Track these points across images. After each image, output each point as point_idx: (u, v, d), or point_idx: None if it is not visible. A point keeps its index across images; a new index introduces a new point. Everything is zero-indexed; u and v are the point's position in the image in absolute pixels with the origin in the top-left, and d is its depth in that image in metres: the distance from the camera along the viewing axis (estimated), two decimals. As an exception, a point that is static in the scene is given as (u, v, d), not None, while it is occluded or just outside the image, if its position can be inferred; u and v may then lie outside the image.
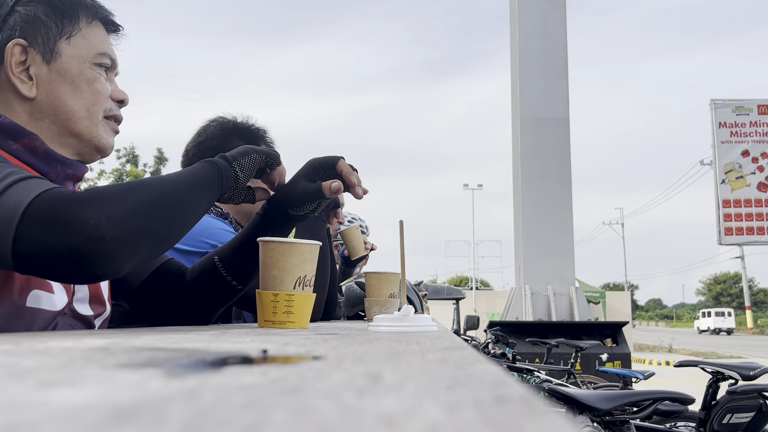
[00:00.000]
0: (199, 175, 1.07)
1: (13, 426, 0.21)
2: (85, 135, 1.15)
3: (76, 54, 1.14)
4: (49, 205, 0.83)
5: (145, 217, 0.90)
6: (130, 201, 0.89)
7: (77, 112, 1.14)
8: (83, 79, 1.14)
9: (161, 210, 0.94)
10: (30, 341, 0.58)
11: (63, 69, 1.13)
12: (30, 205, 0.82)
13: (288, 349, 0.52)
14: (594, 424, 3.03)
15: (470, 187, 41.87)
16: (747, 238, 16.77)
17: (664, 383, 8.30)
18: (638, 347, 22.29)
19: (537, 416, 0.23)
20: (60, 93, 1.12)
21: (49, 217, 0.82)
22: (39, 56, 1.11)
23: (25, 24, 1.11)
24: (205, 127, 1.94)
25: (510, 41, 14.75)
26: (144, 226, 0.90)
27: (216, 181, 1.09)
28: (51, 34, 1.12)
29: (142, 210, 0.90)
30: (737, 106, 16.76)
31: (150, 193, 0.93)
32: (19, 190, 0.84)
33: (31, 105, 1.11)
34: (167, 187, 0.97)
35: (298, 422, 0.22)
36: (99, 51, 1.18)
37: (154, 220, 0.92)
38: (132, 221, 0.88)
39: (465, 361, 0.43)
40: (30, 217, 0.82)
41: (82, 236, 0.82)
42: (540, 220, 13.09)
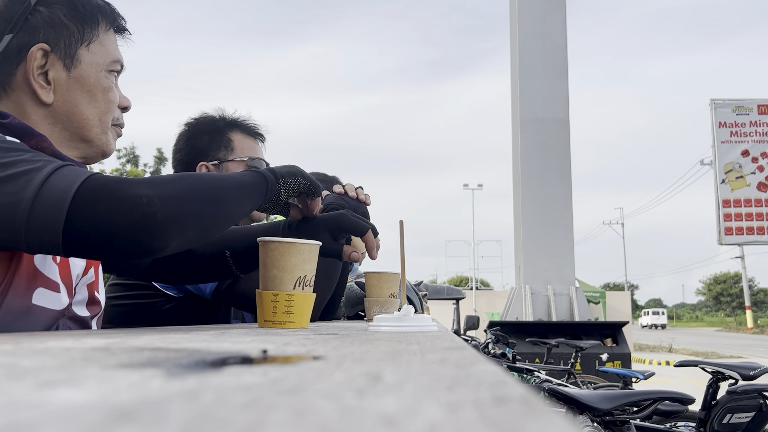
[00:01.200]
0: (246, 180, 1.10)
1: (13, 426, 0.21)
2: (96, 141, 1.16)
3: (94, 62, 1.14)
4: (102, 185, 0.86)
5: (194, 200, 0.94)
6: (180, 185, 0.93)
7: (91, 120, 1.14)
8: (99, 88, 1.14)
9: (209, 199, 0.97)
10: (30, 341, 0.58)
11: (82, 77, 1.12)
12: (81, 186, 0.85)
13: (288, 349, 0.52)
14: (594, 424, 3.03)
15: (470, 187, 41.87)
16: (747, 238, 16.77)
17: (664, 383, 8.30)
18: (638, 347, 22.28)
19: (537, 416, 0.23)
20: (77, 101, 1.12)
21: (104, 196, 0.85)
22: (60, 62, 1.10)
23: (49, 27, 1.09)
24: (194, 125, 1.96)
25: (510, 41, 14.75)
26: (193, 209, 0.93)
27: (262, 190, 1.13)
28: (73, 40, 1.11)
29: (192, 194, 0.94)
30: (737, 106, 16.76)
31: (199, 182, 0.98)
32: (67, 173, 0.86)
33: (47, 110, 1.10)
34: (215, 181, 1.01)
35: (298, 422, 0.22)
36: (113, 58, 1.18)
37: (203, 205, 0.95)
38: (182, 202, 0.91)
39: (465, 361, 0.43)
40: (82, 198, 0.84)
41: (137, 212, 0.86)
42: (540, 220, 13.10)
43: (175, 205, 0.90)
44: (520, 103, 13.62)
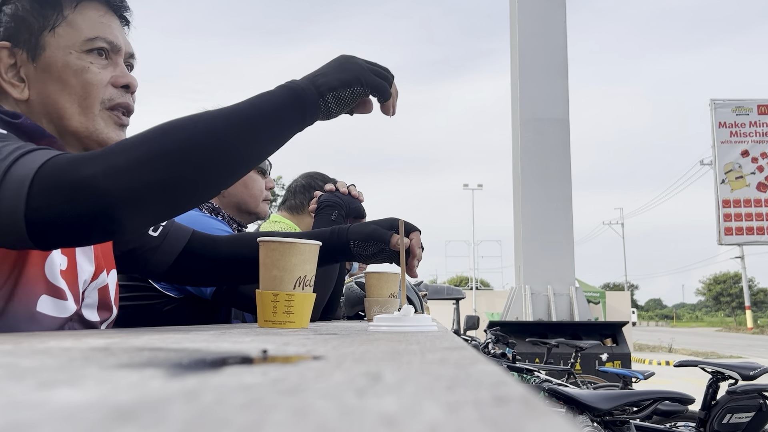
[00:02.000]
0: (262, 107, 0.92)
1: (13, 426, 0.21)
2: (83, 132, 1.07)
3: (62, 44, 1.06)
4: (54, 170, 0.80)
5: (155, 167, 0.82)
6: (139, 151, 0.82)
7: (68, 108, 1.06)
8: (70, 72, 1.06)
9: (184, 158, 0.84)
10: (30, 341, 0.58)
11: (48, 64, 1.05)
12: (36, 174, 0.80)
13: (288, 349, 0.52)
14: (594, 424, 3.03)
15: (470, 187, 41.87)
16: (747, 238, 16.77)
17: (664, 383, 8.30)
18: (638, 347, 22.28)
19: (537, 416, 0.23)
20: (48, 91, 1.05)
21: (54, 182, 0.80)
22: (25, 55, 1.05)
23: (9, 24, 1.06)
24: None
25: (510, 41, 14.75)
26: (154, 177, 0.82)
27: (289, 116, 0.93)
28: (33, 29, 1.05)
29: (154, 160, 0.82)
30: (737, 106, 16.76)
31: (175, 135, 0.84)
32: (25, 162, 0.82)
33: (27, 107, 1.06)
34: (207, 125, 0.86)
35: (298, 422, 0.21)
36: (88, 36, 1.08)
37: (171, 168, 0.83)
38: (135, 173, 0.81)
39: (465, 361, 0.43)
40: (37, 186, 0.79)
41: (84, 197, 0.79)
42: (540, 220, 13.09)
43: (124, 178, 0.80)
44: (520, 103, 13.61)
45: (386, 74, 1.04)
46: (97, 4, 1.11)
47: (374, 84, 1.01)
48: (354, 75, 0.99)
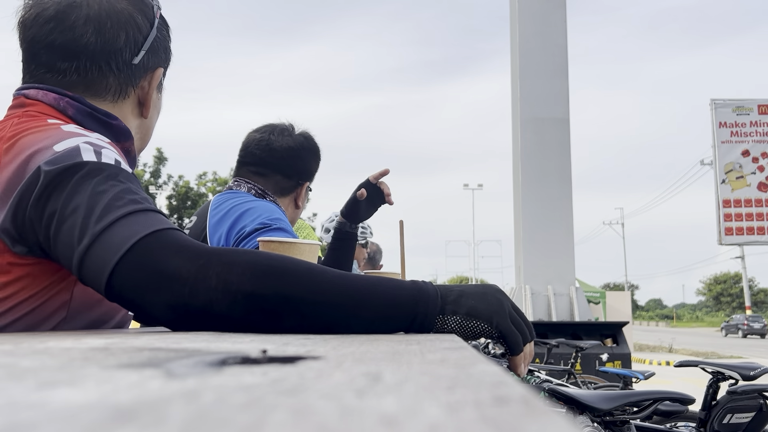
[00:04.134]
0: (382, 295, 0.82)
1: (13, 426, 0.21)
2: (138, 153, 1.25)
3: (160, 87, 1.24)
4: (154, 248, 0.80)
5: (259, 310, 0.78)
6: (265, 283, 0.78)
7: (150, 135, 1.26)
8: (158, 110, 1.26)
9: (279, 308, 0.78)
10: (30, 341, 0.58)
11: (160, 99, 1.24)
12: (135, 244, 0.80)
13: (288, 349, 0.52)
14: (594, 424, 3.02)
15: (470, 187, 41.87)
16: (747, 238, 16.76)
17: (664, 383, 8.30)
18: (638, 347, 22.28)
19: (537, 416, 0.23)
20: (153, 119, 1.24)
21: (148, 264, 0.79)
22: (160, 84, 1.21)
23: (163, 52, 1.20)
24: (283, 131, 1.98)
25: (510, 41, 14.75)
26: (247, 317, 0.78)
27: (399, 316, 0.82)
28: (167, 66, 1.23)
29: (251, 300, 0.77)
30: (737, 106, 16.75)
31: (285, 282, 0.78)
32: (129, 224, 0.82)
33: (140, 122, 1.20)
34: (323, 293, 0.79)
35: (298, 422, 0.21)
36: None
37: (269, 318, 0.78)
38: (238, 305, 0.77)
39: (465, 361, 0.43)
40: (130, 259, 0.80)
41: (166, 296, 0.78)
42: (540, 220, 13.09)
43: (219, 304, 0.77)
44: (520, 103, 13.61)
45: (524, 327, 0.90)
46: None
47: (506, 330, 0.87)
48: (489, 312, 0.85)
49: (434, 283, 0.88)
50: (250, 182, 1.93)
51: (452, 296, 0.85)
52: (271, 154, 1.94)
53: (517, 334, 0.88)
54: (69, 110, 1.08)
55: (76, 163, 0.87)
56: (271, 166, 1.94)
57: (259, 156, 1.94)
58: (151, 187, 24.59)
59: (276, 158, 1.94)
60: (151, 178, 25.02)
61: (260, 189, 1.93)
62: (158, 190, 24.82)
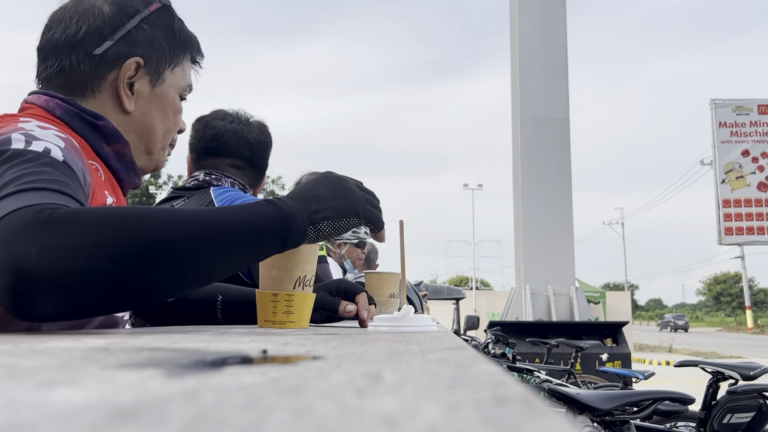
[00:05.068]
0: (248, 226, 0.81)
1: (13, 426, 0.21)
2: (155, 156, 1.23)
3: (174, 84, 1.22)
4: (11, 223, 0.72)
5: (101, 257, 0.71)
6: (93, 233, 0.72)
7: (158, 135, 1.21)
8: (172, 108, 1.22)
9: (141, 253, 0.73)
10: (30, 341, 0.58)
11: (162, 95, 1.20)
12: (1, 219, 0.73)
13: (288, 349, 0.52)
14: (594, 424, 3.03)
15: (470, 187, 41.88)
16: (747, 238, 16.78)
17: (664, 383, 8.30)
18: (638, 347, 22.28)
19: (537, 416, 0.23)
20: (152, 115, 1.19)
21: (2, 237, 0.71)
22: (147, 77, 1.17)
23: (147, 45, 1.16)
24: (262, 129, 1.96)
25: (510, 41, 14.75)
26: (93, 267, 0.71)
27: (273, 243, 0.85)
28: (163, 60, 1.19)
29: (102, 248, 0.71)
30: (737, 106, 16.77)
31: (136, 228, 0.74)
32: (12, 200, 0.76)
33: (124, 117, 1.16)
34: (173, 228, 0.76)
35: (298, 422, 0.21)
36: (187, 83, 1.26)
37: (117, 264, 0.72)
38: (76, 259, 0.70)
39: (465, 361, 0.43)
40: None
41: (6, 267, 0.70)
42: (540, 220, 13.09)
43: (60, 262, 0.69)
44: (520, 102, 13.62)
45: (377, 202, 1.00)
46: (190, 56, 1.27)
47: (371, 216, 0.96)
48: (351, 205, 0.93)
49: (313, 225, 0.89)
50: (231, 176, 1.89)
51: (313, 205, 0.89)
52: (249, 147, 1.91)
53: (377, 214, 0.99)
54: (57, 111, 1.09)
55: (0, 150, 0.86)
56: (248, 160, 1.92)
57: (235, 148, 1.89)
58: (151, 187, 24.60)
59: (252, 152, 1.91)
60: (151, 178, 25.03)
61: (241, 184, 1.90)
62: (158, 190, 24.82)
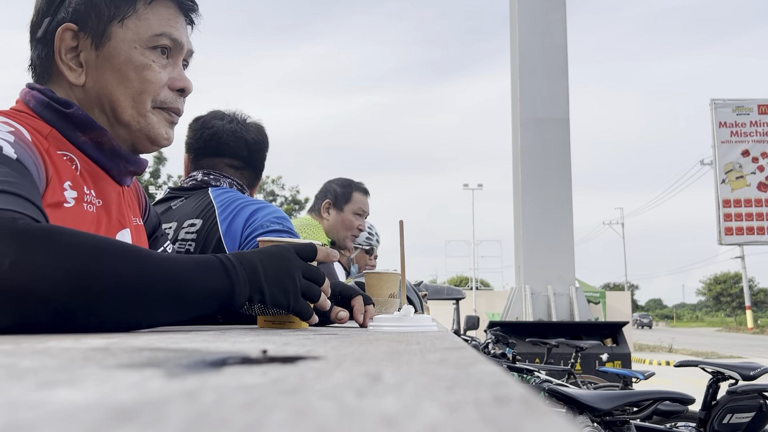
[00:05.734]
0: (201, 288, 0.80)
1: (13, 426, 0.21)
2: (134, 125, 1.08)
3: (128, 37, 1.06)
4: None
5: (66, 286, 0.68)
6: (66, 260, 0.68)
7: (122, 101, 1.06)
8: (131, 66, 1.06)
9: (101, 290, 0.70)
10: (30, 341, 0.58)
11: (110, 54, 1.05)
12: None
13: (288, 349, 0.52)
14: (594, 424, 3.02)
15: (470, 187, 41.88)
16: (747, 238, 16.76)
17: (664, 383, 8.30)
18: (638, 347, 22.28)
19: (537, 416, 0.23)
20: (106, 81, 1.05)
21: None
22: (89, 41, 1.05)
23: (78, 6, 1.05)
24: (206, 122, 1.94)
25: (510, 41, 14.75)
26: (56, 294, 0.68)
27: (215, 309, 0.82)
28: (103, 16, 1.05)
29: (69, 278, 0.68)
30: (737, 106, 16.76)
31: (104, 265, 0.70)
32: None
33: (81, 93, 1.07)
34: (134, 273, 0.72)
35: (298, 422, 0.21)
36: (155, 32, 1.07)
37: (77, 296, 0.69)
38: (43, 281, 0.67)
39: (465, 361, 0.43)
40: None
41: None
42: (540, 220, 13.09)
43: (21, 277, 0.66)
44: (520, 102, 13.61)
45: (317, 291, 0.96)
46: (169, 3, 1.11)
47: (299, 310, 0.93)
48: (286, 299, 0.90)
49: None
50: (229, 177, 1.88)
51: (256, 284, 0.86)
52: (248, 148, 1.90)
53: (307, 308, 0.95)
54: (31, 102, 1.05)
55: None
56: (246, 160, 1.91)
57: (234, 149, 1.89)
58: (150, 187, 24.60)
59: (250, 152, 1.91)
60: (150, 178, 25.02)
61: (239, 184, 1.89)
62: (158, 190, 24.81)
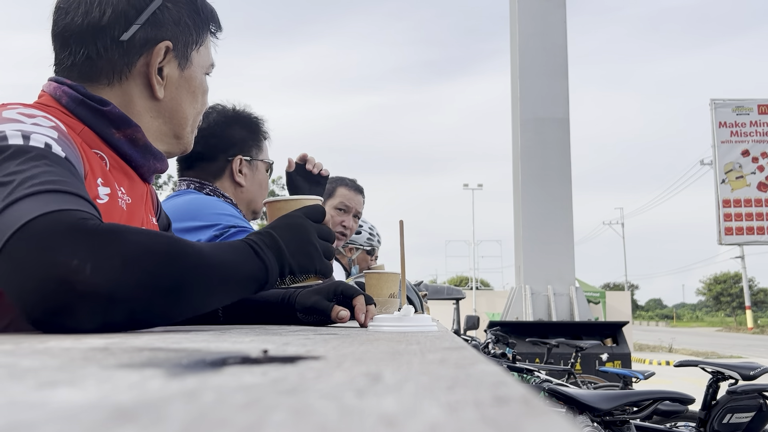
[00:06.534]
0: (239, 269, 0.88)
1: (13, 426, 0.21)
2: (184, 139, 1.19)
3: (200, 63, 1.17)
4: (44, 230, 0.72)
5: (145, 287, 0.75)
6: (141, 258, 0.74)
7: (188, 119, 1.17)
8: (201, 90, 1.18)
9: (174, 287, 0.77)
10: (30, 341, 0.58)
11: (191, 77, 1.15)
12: (27, 224, 0.72)
13: (288, 349, 0.52)
14: (594, 424, 3.02)
15: (470, 187, 41.87)
16: (747, 238, 16.76)
17: (664, 383, 8.30)
18: (638, 347, 22.27)
19: (537, 416, 0.23)
20: (182, 99, 1.15)
21: (36, 245, 0.71)
22: (175, 61, 1.12)
23: (174, 26, 1.11)
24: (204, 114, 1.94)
25: (510, 41, 14.75)
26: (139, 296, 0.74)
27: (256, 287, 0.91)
28: (190, 41, 1.14)
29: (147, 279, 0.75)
30: (737, 106, 16.76)
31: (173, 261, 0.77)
32: (33, 203, 0.75)
33: (153, 104, 1.12)
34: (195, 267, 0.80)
35: (298, 422, 0.21)
36: (211, 61, 1.21)
37: (155, 296, 0.76)
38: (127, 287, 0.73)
39: (465, 361, 0.43)
40: (21, 237, 0.72)
41: (53, 276, 0.70)
42: (540, 220, 13.09)
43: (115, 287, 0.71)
44: (520, 102, 13.61)
45: (332, 246, 1.05)
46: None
47: (324, 269, 1.02)
48: (312, 263, 0.99)
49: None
50: (186, 178, 1.90)
51: (284, 261, 0.94)
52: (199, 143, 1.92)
53: (329, 265, 1.03)
54: (63, 99, 1.05)
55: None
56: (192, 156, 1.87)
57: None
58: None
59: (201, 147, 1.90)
60: (151, 178, 25.01)
61: (197, 182, 1.89)
62: (158, 191, 24.84)
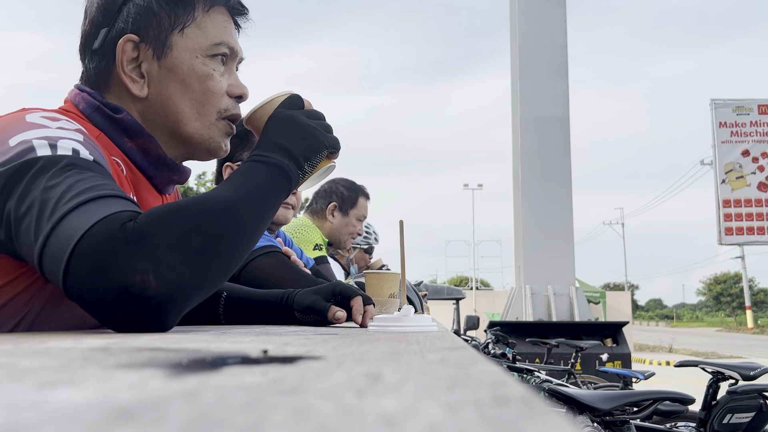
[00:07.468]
0: (267, 186, 0.92)
1: (13, 426, 0.21)
2: (196, 138, 1.08)
3: (189, 47, 1.05)
4: (99, 243, 0.75)
5: (201, 265, 0.79)
6: (189, 245, 0.78)
7: (187, 113, 1.06)
8: (194, 76, 1.05)
9: (222, 250, 0.82)
10: (30, 341, 0.58)
11: (173, 65, 1.04)
12: (81, 240, 0.76)
13: (288, 349, 0.52)
14: (594, 424, 3.02)
15: (470, 187, 41.85)
16: (747, 238, 16.77)
17: (664, 383, 8.29)
18: (638, 347, 22.27)
19: (537, 416, 0.23)
20: (170, 92, 1.05)
21: (96, 260, 0.75)
22: (150, 52, 1.04)
23: (138, 17, 1.04)
24: None
25: (510, 41, 14.75)
26: (200, 278, 0.80)
27: (284, 191, 0.95)
28: (163, 26, 1.04)
29: (200, 257, 0.79)
30: (737, 106, 16.76)
31: (212, 229, 0.81)
32: (79, 216, 0.78)
33: (143, 105, 1.05)
34: (233, 215, 0.84)
35: (298, 422, 0.21)
36: (214, 41, 1.07)
37: (212, 266, 0.81)
38: (187, 275, 0.77)
39: (465, 361, 0.43)
40: (80, 254, 0.75)
41: (128, 291, 0.75)
42: (540, 220, 13.09)
43: (177, 283, 0.76)
44: (520, 102, 13.61)
45: (327, 123, 1.05)
46: (224, 9, 1.11)
47: (331, 142, 1.03)
48: (318, 141, 1.00)
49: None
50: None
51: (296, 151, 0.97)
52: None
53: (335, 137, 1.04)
54: (81, 104, 1.04)
55: (29, 160, 0.82)
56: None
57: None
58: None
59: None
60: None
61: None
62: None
